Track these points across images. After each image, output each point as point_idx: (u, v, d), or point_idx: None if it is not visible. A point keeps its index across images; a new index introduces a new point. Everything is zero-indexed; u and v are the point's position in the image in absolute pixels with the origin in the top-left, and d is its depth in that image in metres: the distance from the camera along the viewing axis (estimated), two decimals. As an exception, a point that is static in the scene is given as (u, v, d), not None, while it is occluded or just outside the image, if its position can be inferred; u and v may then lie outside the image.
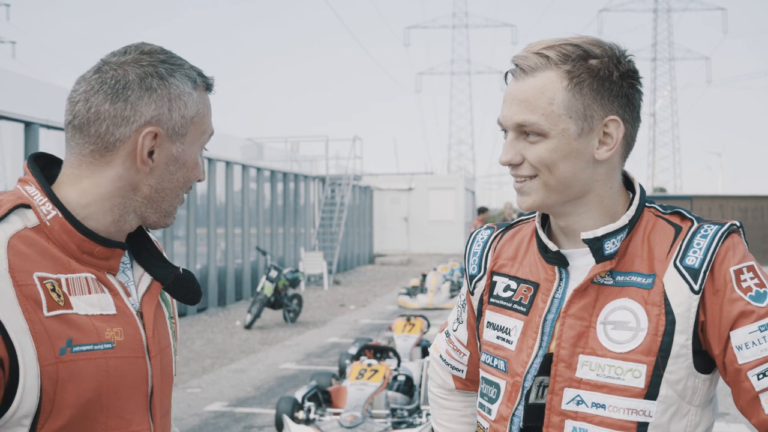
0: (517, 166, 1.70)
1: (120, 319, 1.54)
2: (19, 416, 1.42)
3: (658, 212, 1.75)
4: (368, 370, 7.17)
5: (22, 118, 11.72)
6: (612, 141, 1.68)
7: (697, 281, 1.63)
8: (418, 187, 39.06)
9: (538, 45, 1.69)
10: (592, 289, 1.70)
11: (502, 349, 1.81)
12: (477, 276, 1.92)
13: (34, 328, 1.42)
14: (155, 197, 1.59)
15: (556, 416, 1.70)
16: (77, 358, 1.46)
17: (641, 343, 1.64)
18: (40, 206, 1.51)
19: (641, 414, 1.64)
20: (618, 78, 1.67)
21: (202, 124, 1.62)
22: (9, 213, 1.49)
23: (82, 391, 1.46)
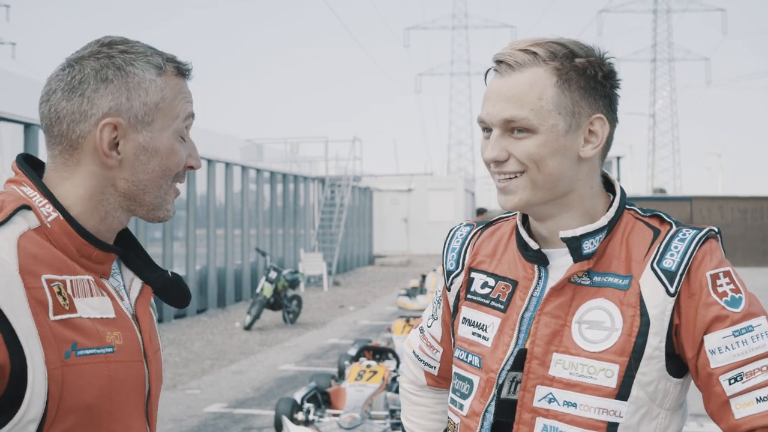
0: (502, 162, 1.68)
1: (119, 323, 1.52)
2: (25, 422, 1.39)
3: (637, 215, 1.75)
4: (367, 372, 7.17)
5: (21, 120, 11.72)
6: (597, 139, 1.68)
7: (673, 284, 1.63)
8: (418, 188, 39.07)
9: (524, 43, 1.69)
10: (569, 288, 1.71)
11: (478, 345, 1.80)
12: (454, 272, 1.92)
13: (42, 332, 1.39)
14: (134, 191, 1.55)
15: (528, 413, 1.70)
16: (81, 362, 1.43)
17: (615, 343, 1.65)
18: (41, 207, 1.48)
19: (612, 414, 1.65)
20: (602, 78, 1.68)
21: (171, 109, 1.56)
22: (13, 214, 1.45)
23: (86, 395, 1.44)
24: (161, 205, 1.58)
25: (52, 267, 1.44)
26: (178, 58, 1.61)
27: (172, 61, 1.59)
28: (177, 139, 1.57)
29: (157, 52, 1.58)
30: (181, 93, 1.59)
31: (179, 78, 1.60)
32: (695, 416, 7.75)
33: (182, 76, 1.61)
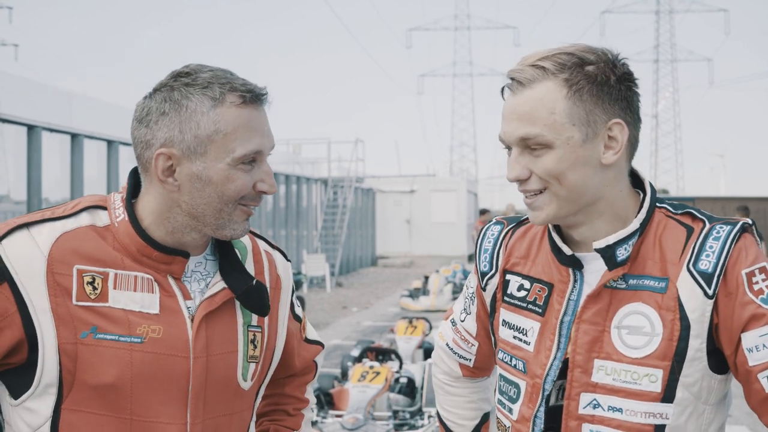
0: (525, 181, 1.69)
1: (163, 319, 1.67)
2: (44, 385, 1.62)
3: (669, 212, 1.74)
4: (370, 372, 7.17)
5: (24, 122, 11.73)
6: (617, 144, 1.68)
7: (711, 286, 1.64)
8: (420, 189, 39.02)
9: (533, 57, 1.69)
10: (606, 293, 1.71)
11: (520, 349, 1.82)
12: (489, 273, 1.92)
13: (58, 310, 1.61)
14: (195, 213, 1.68)
15: (573, 420, 1.72)
16: (98, 344, 1.62)
17: (657, 348, 1.66)
18: (115, 210, 1.70)
19: (658, 417, 1.66)
20: (615, 82, 1.67)
21: (226, 142, 1.65)
22: (81, 211, 1.69)
23: (101, 373, 1.62)
24: (226, 225, 1.70)
25: (93, 260, 1.65)
26: (244, 87, 1.67)
27: (236, 91, 1.66)
28: (236, 168, 1.66)
29: (221, 83, 1.65)
30: (243, 125, 1.66)
31: (243, 108, 1.66)
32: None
33: (248, 106, 1.67)
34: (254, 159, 1.69)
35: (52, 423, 1.64)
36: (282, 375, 2.03)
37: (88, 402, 1.63)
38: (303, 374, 2.08)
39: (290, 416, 2.06)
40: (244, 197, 1.69)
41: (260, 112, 1.70)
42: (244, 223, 1.72)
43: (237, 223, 1.70)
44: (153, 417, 1.66)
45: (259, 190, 1.70)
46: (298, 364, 2.04)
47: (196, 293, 1.73)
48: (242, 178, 1.67)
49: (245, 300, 1.76)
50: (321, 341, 2.12)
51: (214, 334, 1.72)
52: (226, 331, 1.75)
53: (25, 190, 11.73)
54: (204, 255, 1.79)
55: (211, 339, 1.72)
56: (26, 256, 1.61)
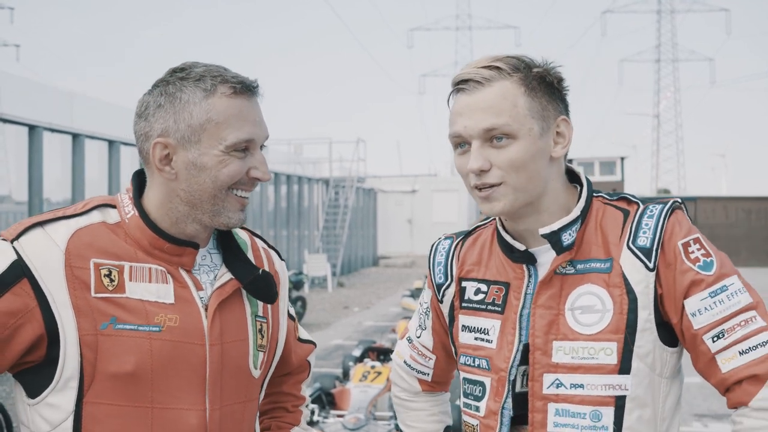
0: (485, 172, 1.77)
1: (178, 308, 1.73)
2: (65, 378, 1.66)
3: (605, 200, 1.87)
4: (372, 373, 7.18)
5: (26, 122, 11.74)
6: (564, 139, 1.81)
7: (651, 259, 1.76)
8: (422, 189, 39.08)
9: (483, 61, 1.80)
10: (557, 279, 1.81)
11: (482, 348, 1.89)
12: (444, 284, 2.01)
13: (77, 303, 1.66)
14: (193, 200, 1.75)
15: (539, 401, 1.80)
16: (119, 334, 1.67)
17: (609, 323, 1.76)
18: (124, 207, 1.78)
19: (618, 388, 1.76)
20: (557, 83, 1.81)
21: (218, 129, 1.72)
22: (92, 209, 1.76)
23: (122, 363, 1.67)
24: (220, 212, 1.76)
25: (107, 254, 1.71)
26: (234, 79, 1.75)
27: (227, 82, 1.73)
28: (229, 155, 1.73)
29: (213, 75, 1.74)
30: (234, 114, 1.73)
31: (234, 98, 1.74)
32: (699, 416, 7.75)
33: (239, 96, 1.74)
34: (247, 147, 1.75)
35: (74, 417, 1.67)
36: (279, 373, 2.10)
37: (109, 393, 1.67)
38: (298, 372, 2.16)
39: (289, 413, 2.13)
40: (237, 183, 1.75)
41: (251, 102, 1.77)
42: (239, 213, 1.78)
43: (232, 211, 1.76)
44: (174, 404, 1.71)
45: (253, 176, 1.76)
46: (294, 362, 2.11)
47: (206, 284, 1.80)
48: (235, 163, 1.73)
49: (253, 289, 1.83)
50: (313, 341, 2.20)
51: (226, 322, 1.79)
52: (237, 320, 1.82)
53: (26, 191, 11.75)
54: (207, 249, 1.85)
55: (224, 327, 1.78)
56: (44, 252, 1.66)
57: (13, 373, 1.73)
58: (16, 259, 1.65)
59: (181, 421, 1.72)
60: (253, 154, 1.76)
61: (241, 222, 1.79)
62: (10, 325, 1.63)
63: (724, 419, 7.72)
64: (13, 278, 1.63)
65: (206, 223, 1.77)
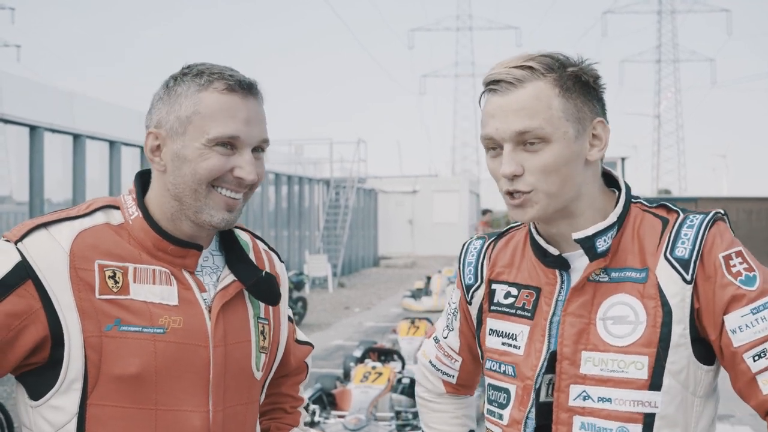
0: (516, 178, 1.70)
1: (182, 310, 1.73)
2: (69, 380, 1.65)
3: (644, 207, 1.79)
4: (372, 373, 7.17)
5: (27, 122, 11.74)
6: (601, 142, 1.73)
7: (689, 271, 1.67)
8: (423, 189, 39.07)
9: (515, 60, 1.72)
10: (589, 287, 1.74)
11: (509, 354, 1.83)
12: (474, 285, 1.94)
13: (82, 305, 1.65)
14: (178, 194, 1.74)
15: (564, 413, 1.73)
16: (123, 335, 1.67)
17: (641, 336, 1.68)
18: (128, 208, 1.77)
19: (647, 405, 1.68)
20: (593, 82, 1.73)
21: (204, 122, 1.71)
22: (96, 210, 1.76)
23: (127, 365, 1.66)
24: (202, 209, 1.74)
25: (112, 255, 1.71)
26: (231, 76, 1.74)
27: (223, 79, 1.73)
28: (211, 149, 1.71)
29: (212, 72, 1.74)
30: (222, 109, 1.72)
31: (226, 94, 1.73)
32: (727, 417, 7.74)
33: (232, 93, 1.73)
34: (233, 145, 1.72)
35: (78, 419, 1.66)
36: (278, 374, 2.09)
37: (113, 395, 1.66)
38: (296, 374, 2.16)
39: (288, 414, 2.13)
40: (219, 180, 1.72)
41: (246, 101, 1.74)
42: (222, 212, 1.74)
43: (214, 209, 1.73)
44: (177, 406, 1.70)
45: (236, 175, 1.73)
46: (293, 363, 2.12)
47: (209, 286, 1.80)
48: (216, 158, 1.71)
49: (256, 291, 1.83)
50: (311, 342, 2.21)
51: (229, 324, 1.79)
52: (240, 322, 1.82)
53: (27, 191, 11.74)
54: (210, 250, 1.85)
55: (227, 329, 1.78)
56: (48, 254, 1.66)
57: (15, 375, 1.72)
58: (20, 261, 1.64)
59: (185, 423, 1.71)
60: (240, 153, 1.73)
61: (226, 222, 1.76)
62: (15, 327, 1.62)
63: (724, 420, 7.72)
64: (17, 280, 1.63)
65: (193, 220, 1.75)
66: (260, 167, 1.77)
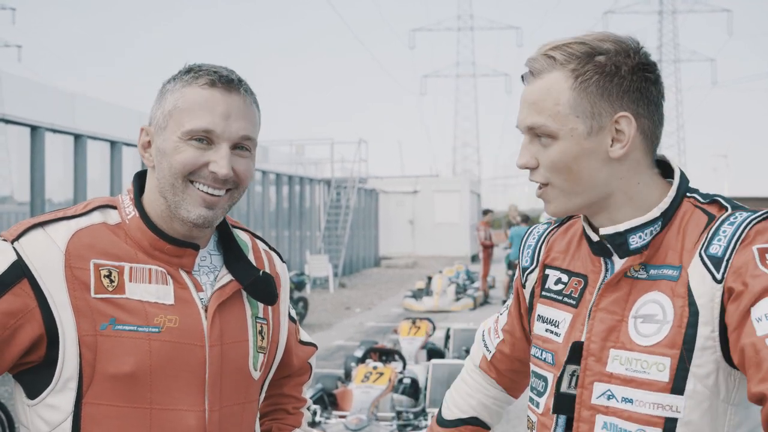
0: (533, 170, 1.69)
1: (178, 309, 1.73)
2: (64, 379, 1.65)
3: (697, 202, 1.69)
4: (374, 373, 7.17)
5: (28, 122, 11.74)
6: (625, 138, 1.63)
7: (720, 269, 1.56)
8: (423, 189, 39.04)
9: (547, 46, 1.67)
10: (625, 282, 1.68)
11: (551, 341, 1.80)
12: (529, 268, 1.93)
13: (77, 304, 1.65)
14: (160, 189, 1.75)
15: (587, 410, 1.68)
16: (118, 334, 1.67)
17: (666, 336, 1.60)
18: (125, 208, 1.78)
19: (668, 409, 1.60)
20: (627, 72, 1.63)
21: (181, 116, 1.72)
22: (93, 210, 1.76)
23: (121, 363, 1.66)
24: (180, 204, 1.74)
25: (108, 255, 1.71)
26: (215, 73, 1.74)
27: (207, 75, 1.74)
28: (186, 143, 1.71)
29: (202, 69, 1.74)
30: (199, 103, 1.72)
31: (207, 89, 1.73)
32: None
33: (213, 88, 1.73)
34: (209, 139, 1.71)
35: (74, 418, 1.67)
36: (280, 375, 2.09)
37: (108, 394, 1.67)
38: (299, 375, 2.16)
39: (290, 414, 2.13)
40: (194, 174, 1.72)
41: (227, 97, 1.73)
42: (199, 208, 1.73)
43: (191, 204, 1.73)
44: (172, 405, 1.70)
45: (210, 170, 1.71)
46: (295, 364, 2.12)
47: (206, 285, 1.80)
48: (189, 152, 1.71)
49: (253, 290, 1.83)
50: (314, 343, 2.21)
51: (226, 323, 1.79)
52: (237, 321, 1.82)
53: (28, 191, 11.74)
54: (208, 250, 1.85)
55: (224, 328, 1.78)
56: (44, 253, 1.66)
57: (12, 374, 1.73)
58: (16, 260, 1.64)
59: (181, 422, 1.71)
60: (217, 148, 1.72)
61: (204, 219, 1.73)
62: (10, 326, 1.63)
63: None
64: (13, 278, 1.63)
65: (175, 216, 1.75)
66: (243, 165, 1.75)
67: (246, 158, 1.77)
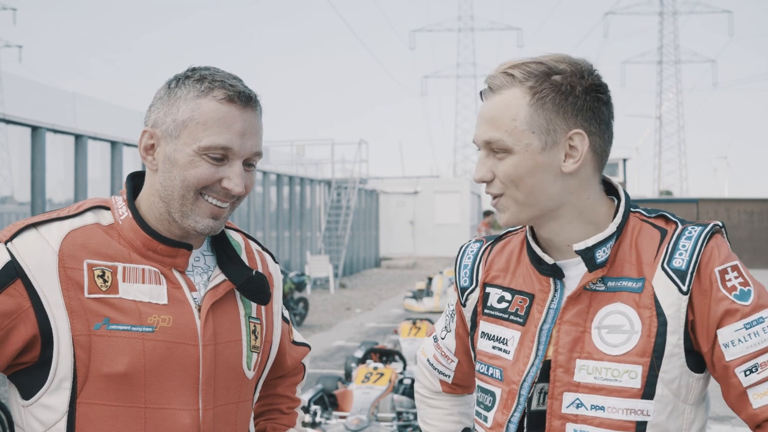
0: (489, 183, 1.75)
1: (172, 309, 1.73)
2: (59, 379, 1.66)
3: (643, 216, 1.79)
4: (374, 374, 7.17)
5: (28, 123, 11.75)
6: (577, 154, 1.71)
7: (685, 282, 1.68)
8: (424, 190, 39.05)
9: (507, 64, 1.74)
10: (585, 295, 1.75)
11: (498, 358, 1.84)
12: (469, 288, 1.96)
13: (71, 304, 1.66)
14: (166, 196, 1.75)
15: (557, 420, 1.74)
16: (112, 334, 1.67)
17: (636, 345, 1.69)
18: (118, 209, 1.78)
19: (639, 414, 1.69)
20: (581, 92, 1.69)
21: (197, 130, 1.71)
22: (86, 211, 1.76)
23: (115, 363, 1.66)
24: (188, 215, 1.75)
25: (101, 255, 1.71)
26: (232, 87, 1.75)
27: (224, 88, 1.73)
28: (201, 157, 1.72)
29: (214, 79, 1.74)
30: (217, 119, 1.72)
31: (224, 104, 1.73)
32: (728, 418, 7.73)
33: (231, 104, 1.73)
34: (224, 156, 1.73)
35: (68, 418, 1.67)
36: (274, 375, 2.11)
37: (102, 394, 1.67)
38: (293, 375, 2.17)
39: (285, 414, 2.14)
40: (206, 188, 1.73)
41: (243, 114, 1.74)
42: (208, 220, 1.75)
43: (200, 216, 1.75)
44: (166, 404, 1.71)
45: (224, 186, 1.74)
46: (289, 364, 2.12)
47: (200, 285, 1.80)
48: (204, 167, 1.72)
49: (246, 290, 1.84)
50: (307, 343, 2.21)
51: (219, 323, 1.79)
52: (230, 321, 1.82)
53: (29, 191, 11.76)
54: (201, 251, 1.85)
55: (217, 328, 1.79)
56: (38, 253, 1.66)
57: (7, 375, 1.73)
58: (10, 260, 1.65)
59: (175, 422, 1.71)
60: (231, 164, 1.74)
61: (210, 229, 1.77)
62: (4, 326, 1.63)
63: (726, 421, 7.71)
64: (6, 279, 1.64)
65: (179, 223, 1.76)
66: (249, 179, 1.78)
67: (251, 172, 1.80)
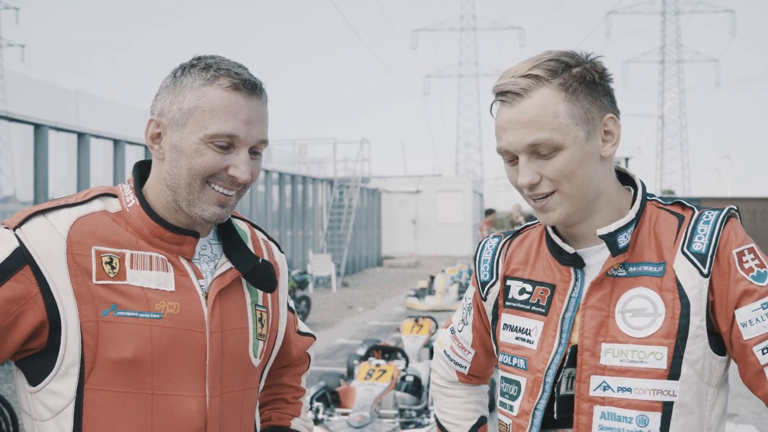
0: (535, 185, 1.76)
1: (179, 296, 1.75)
2: (66, 365, 1.67)
3: (659, 204, 1.86)
4: (376, 371, 7.18)
5: (31, 121, 11.75)
6: (613, 137, 1.78)
7: (705, 265, 1.74)
8: (426, 189, 39.04)
9: (520, 69, 1.75)
10: (608, 281, 1.80)
11: (522, 348, 1.89)
12: (489, 282, 2.01)
13: (79, 291, 1.67)
14: (171, 184, 1.76)
15: (585, 403, 1.79)
16: (119, 320, 1.68)
17: (660, 327, 1.74)
18: (125, 197, 1.80)
19: (666, 394, 1.74)
20: (599, 79, 1.76)
21: (203, 118, 1.72)
22: (93, 198, 1.78)
23: (123, 349, 1.68)
24: (195, 203, 1.76)
25: (109, 242, 1.73)
26: (238, 75, 1.74)
27: (229, 76, 1.74)
28: (207, 145, 1.73)
29: (220, 67, 1.75)
30: (223, 107, 1.73)
31: (230, 92, 1.74)
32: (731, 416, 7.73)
33: (236, 92, 1.74)
34: (231, 144, 1.74)
35: (76, 404, 1.68)
36: (279, 365, 2.12)
37: (110, 380, 1.68)
38: (298, 365, 2.19)
39: (289, 404, 2.16)
40: (213, 176, 1.75)
41: (249, 101, 1.75)
42: (214, 207, 1.77)
43: (207, 204, 1.76)
44: (173, 391, 1.72)
45: (230, 174, 1.75)
46: (294, 354, 2.14)
47: (206, 273, 1.82)
48: (211, 156, 1.73)
49: (252, 277, 1.85)
50: (312, 333, 2.23)
51: (226, 310, 1.81)
52: (237, 309, 1.84)
53: (31, 189, 11.76)
54: (208, 239, 1.87)
55: (224, 315, 1.80)
56: (46, 240, 1.68)
57: (15, 361, 1.74)
58: (19, 247, 1.66)
59: (182, 408, 1.73)
60: (237, 152, 1.75)
61: (217, 217, 1.78)
62: (13, 312, 1.64)
63: (729, 418, 7.70)
64: (15, 265, 1.65)
65: (185, 212, 1.77)
66: (255, 167, 1.79)
67: (257, 159, 1.81)
